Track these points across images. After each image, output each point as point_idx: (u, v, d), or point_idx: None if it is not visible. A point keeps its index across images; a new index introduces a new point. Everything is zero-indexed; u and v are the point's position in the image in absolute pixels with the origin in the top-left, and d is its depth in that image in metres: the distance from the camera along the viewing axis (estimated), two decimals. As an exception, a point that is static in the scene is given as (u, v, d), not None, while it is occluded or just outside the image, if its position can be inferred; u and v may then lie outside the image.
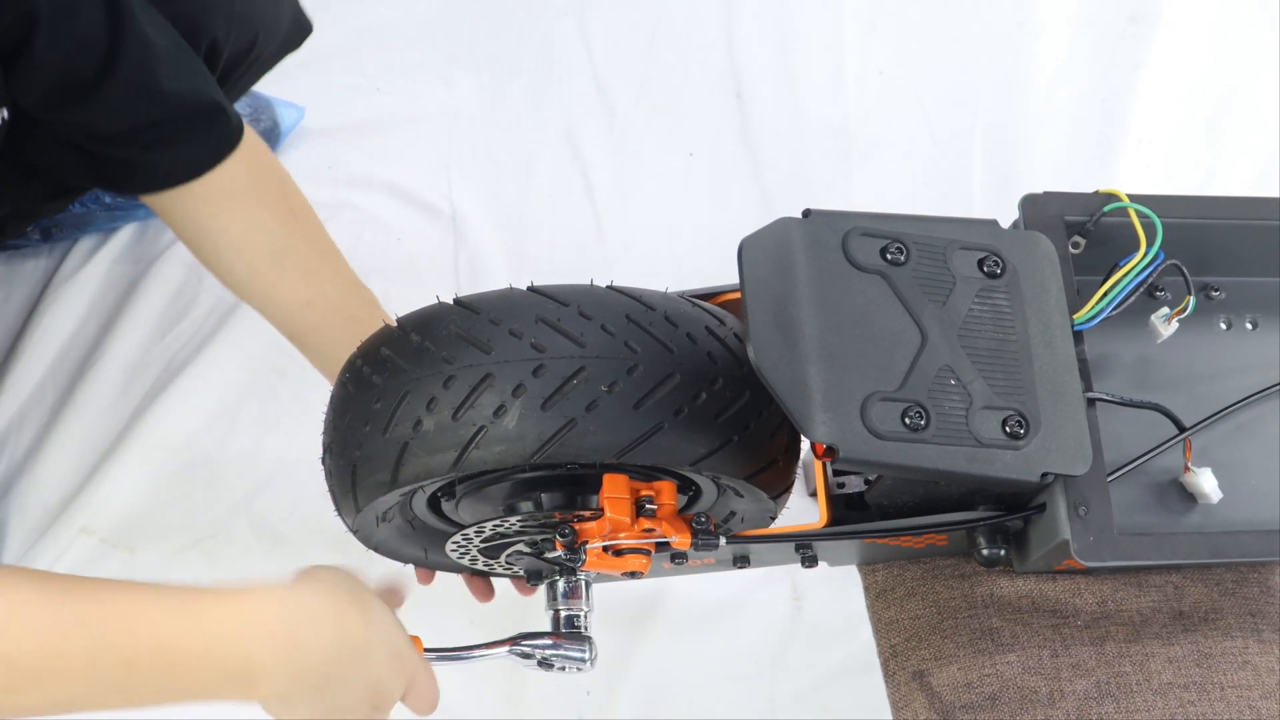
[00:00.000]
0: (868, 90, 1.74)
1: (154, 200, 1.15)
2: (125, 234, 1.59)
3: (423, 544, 1.03)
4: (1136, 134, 1.70)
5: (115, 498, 1.45)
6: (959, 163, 1.69)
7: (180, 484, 1.47)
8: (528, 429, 0.84)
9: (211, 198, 1.13)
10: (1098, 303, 0.91)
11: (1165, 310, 0.96)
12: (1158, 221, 0.93)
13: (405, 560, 1.09)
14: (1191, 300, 0.94)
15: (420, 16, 1.79)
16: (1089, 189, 1.72)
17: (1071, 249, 0.95)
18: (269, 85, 1.60)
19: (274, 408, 1.51)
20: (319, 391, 1.46)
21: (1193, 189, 1.65)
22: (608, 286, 0.91)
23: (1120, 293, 0.92)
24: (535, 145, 1.71)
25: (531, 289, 0.89)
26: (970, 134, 1.71)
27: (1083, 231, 0.95)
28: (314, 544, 1.45)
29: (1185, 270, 0.94)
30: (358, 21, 1.78)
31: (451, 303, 0.89)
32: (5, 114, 1.05)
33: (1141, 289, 0.92)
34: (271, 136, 1.61)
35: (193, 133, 1.10)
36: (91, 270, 1.56)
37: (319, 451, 0.96)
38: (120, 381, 1.52)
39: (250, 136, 1.15)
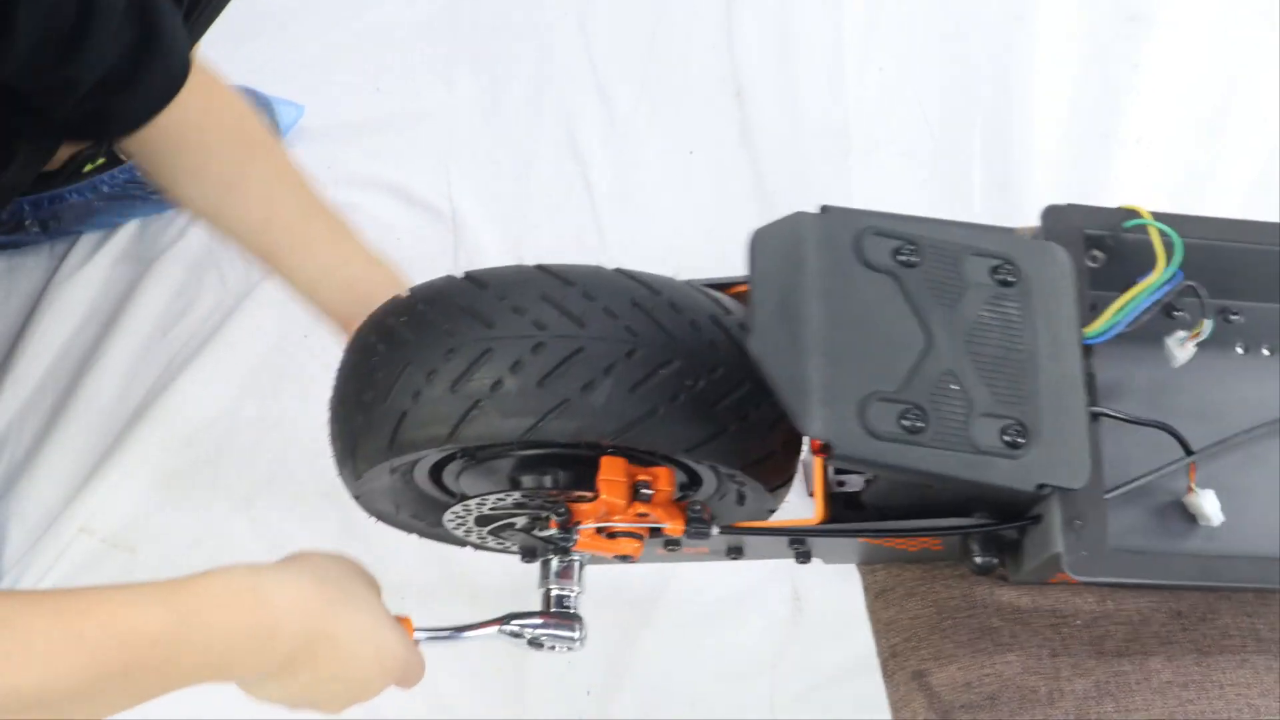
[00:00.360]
0: (867, 89, 1.74)
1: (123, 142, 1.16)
2: (126, 233, 1.59)
3: (416, 508, 1.04)
4: (1135, 133, 1.70)
5: (115, 497, 1.45)
6: (958, 161, 1.70)
7: (181, 483, 1.47)
8: (524, 405, 0.85)
9: (168, 131, 1.13)
10: (1111, 318, 0.90)
11: (1181, 333, 0.95)
12: (1177, 240, 0.92)
13: (386, 520, 1.09)
14: (1208, 324, 0.93)
15: (420, 16, 1.79)
16: (1088, 188, 1.72)
17: (1090, 263, 0.94)
18: (269, 85, 1.60)
19: (274, 407, 1.52)
20: (320, 391, 1.47)
21: (1191, 188, 1.65)
22: (616, 270, 0.91)
23: (1134, 309, 0.91)
24: (535, 145, 1.71)
25: (540, 267, 0.90)
26: (969, 133, 1.71)
27: (1102, 246, 0.95)
28: (313, 542, 1.45)
29: (1202, 293, 0.93)
30: (358, 21, 1.78)
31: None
32: None
33: (1157, 308, 0.91)
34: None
35: (149, 73, 1.10)
36: (92, 269, 1.56)
37: (331, 434, 0.97)
38: (121, 381, 1.52)
39: (200, 70, 1.14)
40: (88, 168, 1.53)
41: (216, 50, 1.46)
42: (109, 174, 1.54)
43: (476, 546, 1.13)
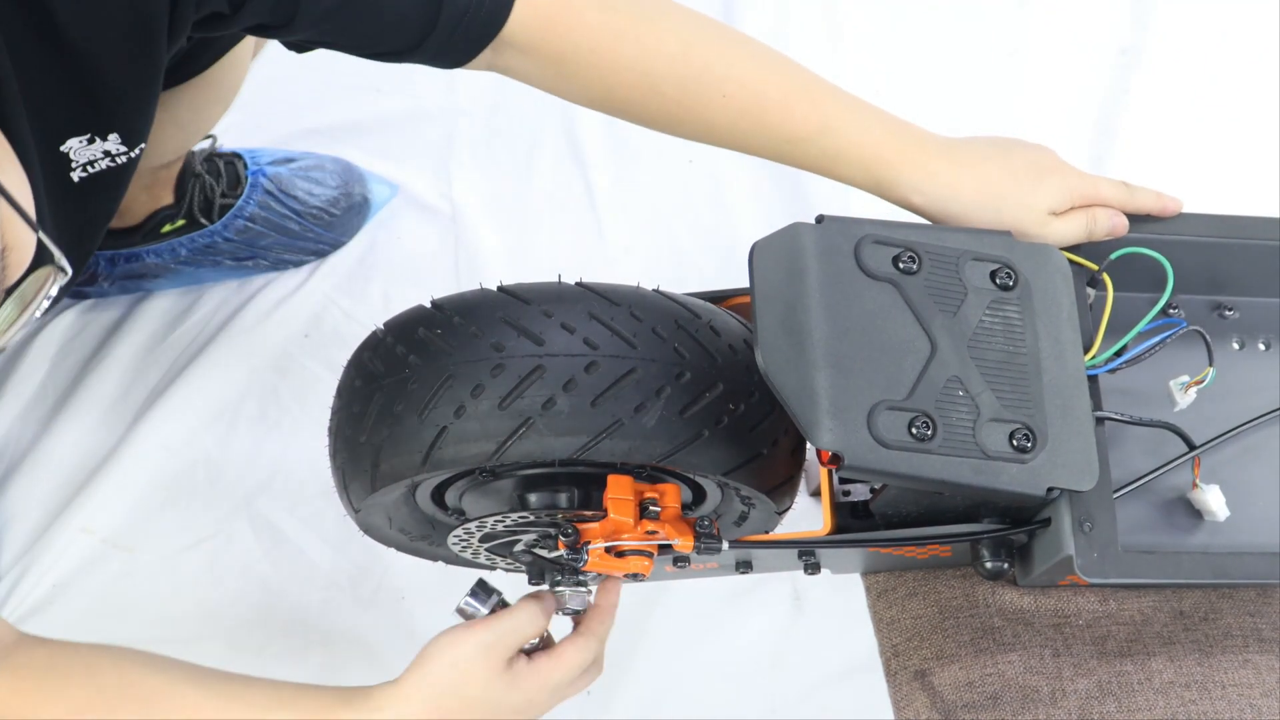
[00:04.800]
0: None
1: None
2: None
3: (410, 527, 1.03)
4: (1127, 158, 1.70)
5: (115, 498, 1.45)
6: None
7: (180, 484, 1.47)
8: (577, 424, 0.84)
9: (529, 21, 1.02)
10: (1112, 353, 0.92)
11: (1185, 378, 0.96)
12: (1169, 271, 0.92)
13: (385, 541, 1.08)
14: (1211, 372, 0.94)
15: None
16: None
17: (1085, 293, 0.95)
18: (269, 84, 1.60)
19: (274, 408, 1.51)
20: (321, 390, 1.47)
21: (1187, 197, 1.66)
22: (655, 290, 0.91)
23: (1134, 351, 0.92)
24: (535, 147, 1.71)
25: (581, 284, 0.89)
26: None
27: (1092, 282, 0.95)
28: (315, 545, 1.45)
29: (1208, 339, 0.94)
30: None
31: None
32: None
33: (1158, 350, 0.92)
34: (361, 210, 1.61)
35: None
36: (93, 270, 1.56)
37: (342, 440, 0.95)
38: (122, 382, 1.52)
39: None
40: (166, 228, 1.51)
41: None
42: (188, 237, 1.52)
43: (484, 567, 1.12)
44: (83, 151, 0.98)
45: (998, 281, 0.86)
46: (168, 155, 1.42)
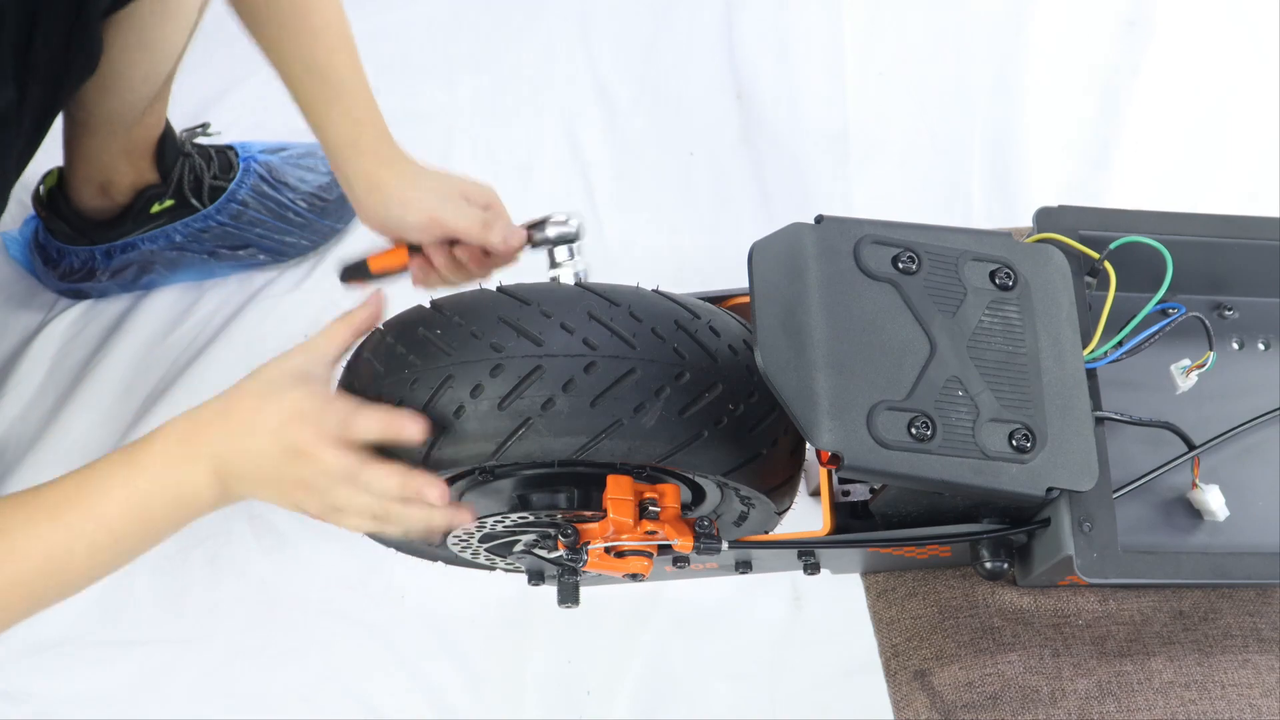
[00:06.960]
0: (867, 92, 1.74)
1: None
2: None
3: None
4: (1134, 137, 1.70)
5: (115, 498, 1.45)
6: (958, 165, 1.69)
7: (180, 484, 1.47)
8: (576, 425, 0.84)
9: None
10: (1112, 345, 0.92)
11: (1186, 362, 0.96)
12: (1169, 261, 0.92)
13: (385, 541, 1.08)
14: (1212, 356, 0.94)
15: (421, 17, 1.79)
16: (1089, 193, 1.71)
17: (1084, 286, 0.95)
18: (267, 84, 1.60)
19: (274, 408, 1.51)
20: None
21: (1189, 191, 1.66)
22: (654, 290, 0.91)
23: (1135, 340, 0.92)
24: (535, 145, 1.71)
25: (580, 285, 0.90)
26: (970, 137, 1.71)
27: (1092, 271, 0.96)
28: (314, 543, 1.45)
29: (1208, 324, 0.94)
30: (358, 22, 1.77)
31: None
32: None
33: (1157, 338, 0.92)
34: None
35: None
36: (95, 271, 1.56)
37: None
38: (123, 381, 1.52)
39: None
40: (155, 208, 1.51)
41: (216, 50, 1.46)
42: (181, 222, 1.52)
43: (484, 566, 1.12)
44: None
45: (997, 281, 0.87)
46: (139, 86, 1.40)
